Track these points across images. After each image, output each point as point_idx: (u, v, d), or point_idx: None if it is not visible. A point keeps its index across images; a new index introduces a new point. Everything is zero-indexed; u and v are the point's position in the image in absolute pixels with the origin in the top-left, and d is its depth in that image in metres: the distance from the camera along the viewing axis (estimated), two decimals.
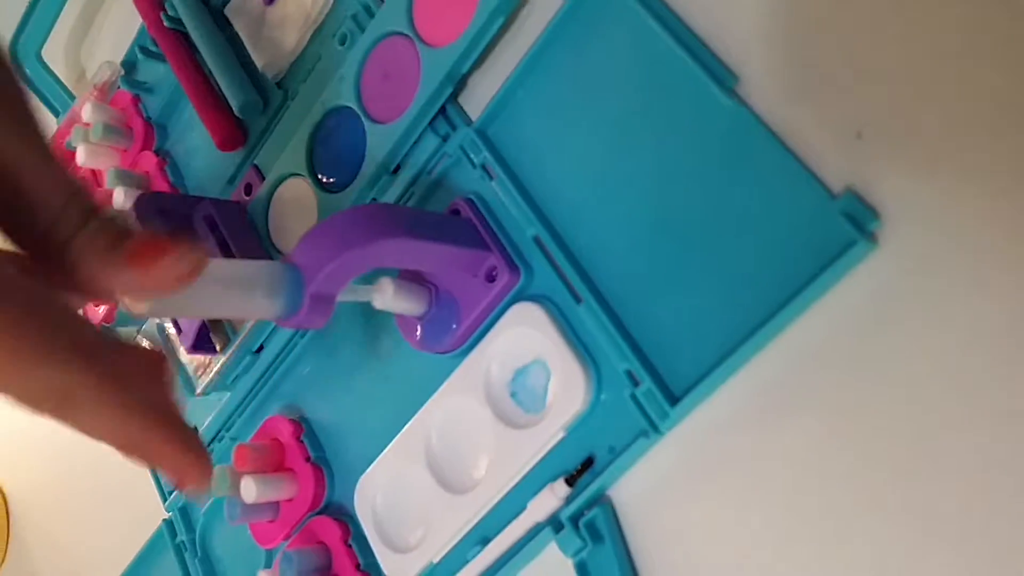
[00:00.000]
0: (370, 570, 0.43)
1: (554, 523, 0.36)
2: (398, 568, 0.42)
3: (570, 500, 0.36)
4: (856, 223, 0.29)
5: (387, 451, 0.43)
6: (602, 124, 0.38)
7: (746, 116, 0.33)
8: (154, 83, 0.62)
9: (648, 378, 0.34)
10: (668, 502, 0.34)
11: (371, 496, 0.43)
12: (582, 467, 0.36)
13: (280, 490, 0.46)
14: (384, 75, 0.46)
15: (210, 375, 0.51)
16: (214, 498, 0.53)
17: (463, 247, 0.39)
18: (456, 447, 0.40)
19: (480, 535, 0.39)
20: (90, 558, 0.67)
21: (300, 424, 0.48)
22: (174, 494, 0.56)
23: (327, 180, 0.48)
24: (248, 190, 0.52)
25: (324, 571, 0.44)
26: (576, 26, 0.38)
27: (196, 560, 0.53)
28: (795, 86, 0.32)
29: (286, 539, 0.47)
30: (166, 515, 0.56)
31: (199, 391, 0.51)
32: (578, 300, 0.37)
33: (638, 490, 0.35)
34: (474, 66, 0.42)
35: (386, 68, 0.45)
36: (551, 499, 0.36)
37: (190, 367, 0.52)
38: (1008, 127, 0.28)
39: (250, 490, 0.45)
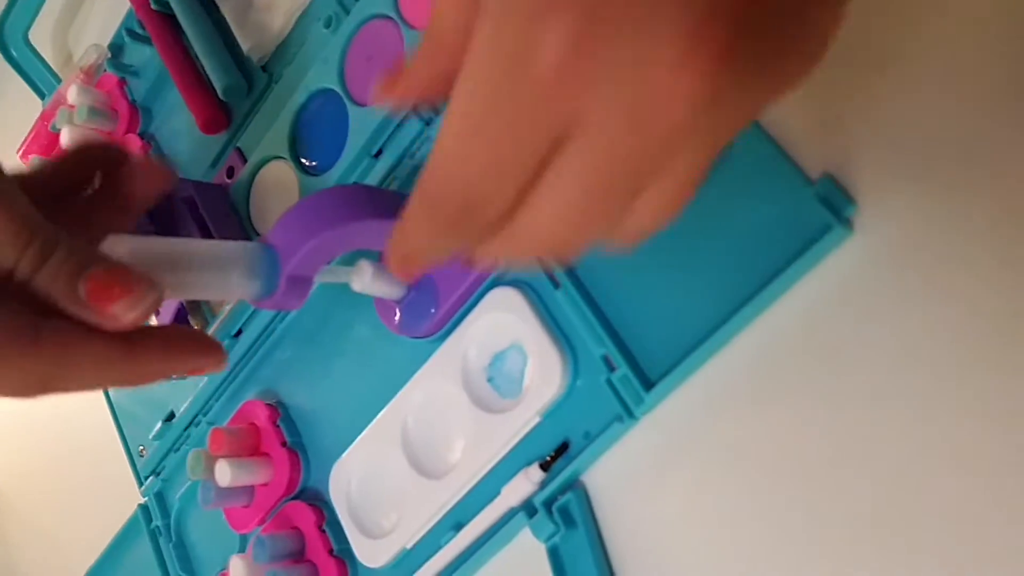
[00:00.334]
0: (343, 555, 0.43)
1: (528, 508, 0.36)
2: (371, 553, 0.41)
3: (544, 485, 0.36)
4: (832, 208, 0.29)
5: (363, 436, 0.42)
6: None
7: None
8: (140, 66, 0.61)
9: (624, 363, 0.34)
10: (641, 487, 0.34)
11: (346, 481, 0.43)
12: (557, 452, 0.36)
13: (255, 474, 0.46)
14: (368, 58, 0.45)
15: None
16: (189, 482, 0.52)
17: None
18: (432, 432, 0.40)
19: (454, 520, 0.39)
20: (68, 543, 0.66)
21: (277, 409, 0.48)
22: (149, 479, 0.55)
23: (309, 163, 0.48)
24: (231, 173, 0.52)
25: (297, 556, 0.44)
26: None
27: (170, 545, 0.53)
28: None
29: (260, 524, 0.47)
30: (142, 500, 0.56)
31: (176, 375, 0.51)
32: (556, 285, 0.37)
33: (612, 475, 0.35)
34: None
35: (370, 51, 0.45)
36: (525, 484, 0.36)
37: None
38: (984, 116, 0.28)
39: (225, 474, 0.45)
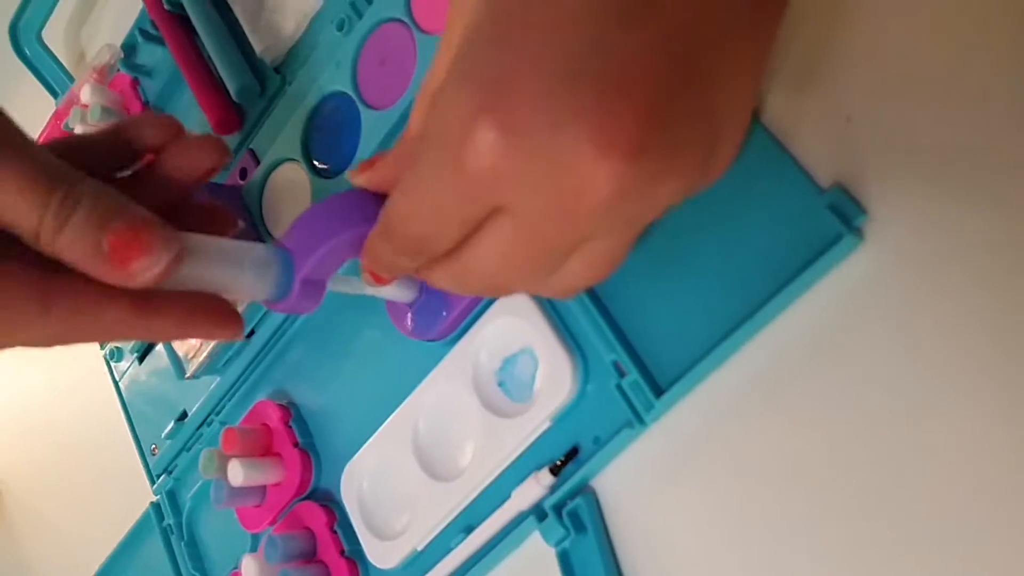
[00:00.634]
0: (354, 556, 0.43)
1: (538, 512, 0.36)
2: (382, 554, 0.42)
3: (554, 489, 0.36)
4: (843, 217, 0.29)
5: (374, 438, 0.43)
6: None
7: None
8: (153, 66, 0.62)
9: (634, 369, 0.34)
10: (651, 493, 0.34)
11: (357, 482, 0.43)
12: (567, 457, 0.36)
13: (267, 474, 0.46)
14: (380, 61, 0.45)
15: (201, 358, 0.51)
16: (201, 481, 0.53)
17: None
18: (443, 435, 0.40)
19: (464, 523, 0.39)
20: (79, 540, 0.67)
21: (289, 409, 0.48)
22: (161, 478, 0.56)
23: (322, 165, 0.48)
24: (243, 174, 0.52)
25: (309, 556, 0.44)
26: None
27: (182, 543, 0.53)
28: (785, 80, 0.32)
29: (272, 524, 0.47)
30: (154, 498, 0.56)
31: (189, 374, 0.51)
32: None
33: (621, 480, 0.35)
34: None
35: (383, 54, 0.45)
36: (535, 488, 0.36)
37: (181, 350, 0.52)
38: (997, 125, 0.28)
39: (237, 473, 0.45)
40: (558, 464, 0.36)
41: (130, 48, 0.63)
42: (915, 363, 0.28)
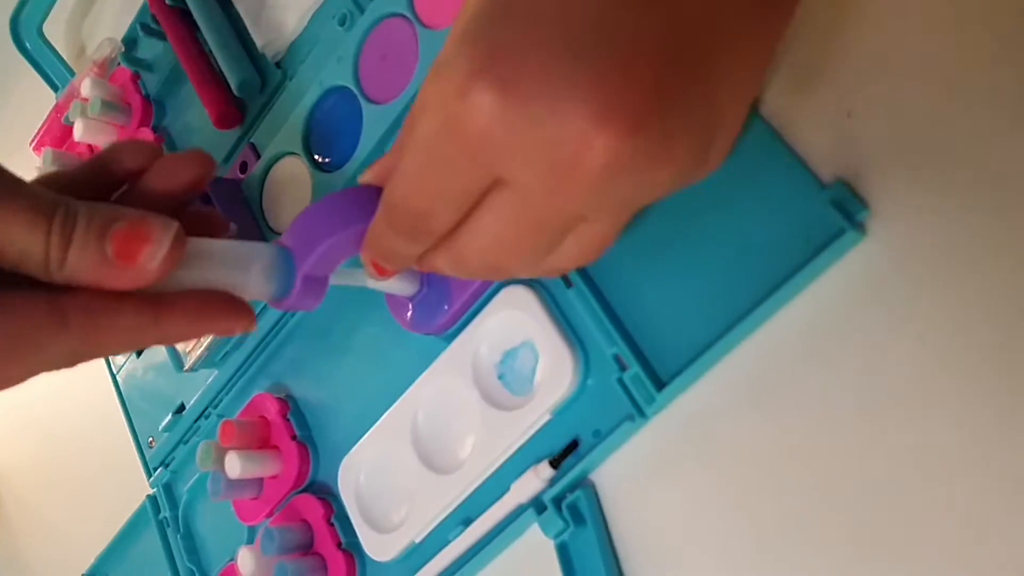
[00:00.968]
0: (351, 549, 0.44)
1: (537, 505, 0.36)
2: (379, 547, 0.42)
3: (553, 482, 0.36)
4: (845, 212, 0.30)
5: (373, 431, 0.43)
6: None
7: None
8: (154, 61, 0.62)
9: (636, 363, 0.34)
10: (650, 486, 0.34)
11: (355, 475, 0.43)
12: (566, 450, 0.36)
13: (264, 467, 0.46)
14: (382, 56, 0.46)
15: (199, 351, 0.51)
16: (198, 474, 0.53)
17: None
18: (442, 428, 0.41)
19: (463, 516, 0.39)
20: (75, 533, 0.67)
21: (287, 402, 0.48)
22: (158, 471, 0.56)
23: (322, 160, 0.48)
24: (243, 168, 0.52)
25: (306, 548, 0.44)
26: None
27: (178, 536, 0.53)
28: (787, 75, 0.33)
29: (268, 516, 0.47)
30: (150, 491, 0.56)
31: (188, 367, 0.51)
32: (568, 284, 0.37)
33: (621, 474, 0.35)
34: None
35: (384, 49, 0.46)
36: (535, 481, 0.36)
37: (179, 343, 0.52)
38: (1001, 121, 0.28)
39: (234, 465, 0.45)
40: (557, 457, 0.36)
41: (131, 42, 0.63)
42: (917, 357, 0.29)
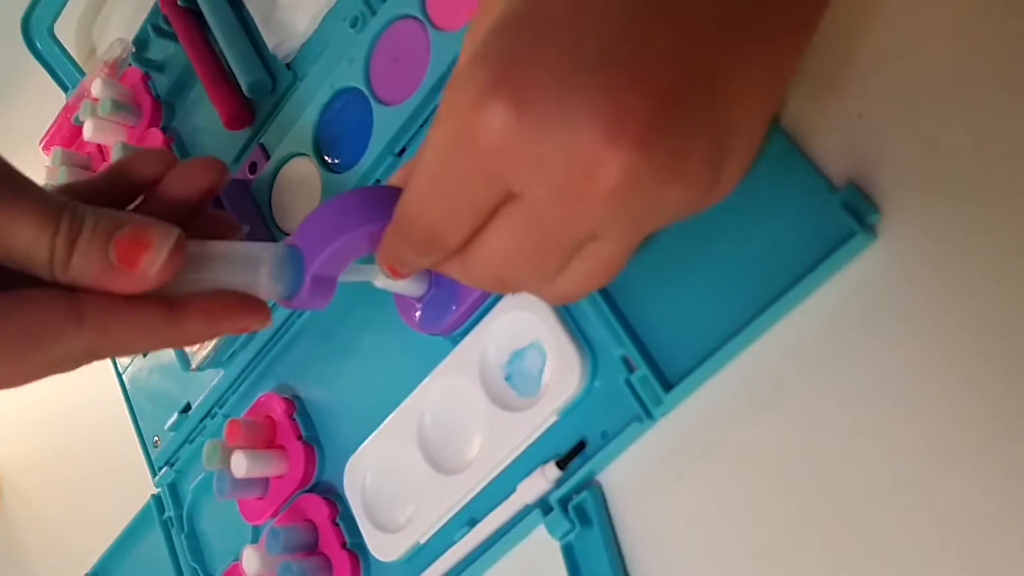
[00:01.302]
0: (356, 549, 0.44)
1: (543, 505, 0.36)
2: (384, 547, 0.42)
3: (560, 483, 0.36)
4: (856, 215, 0.30)
5: (379, 431, 0.43)
6: None
7: None
8: (164, 61, 0.62)
9: (644, 364, 0.34)
10: (658, 488, 0.34)
11: (361, 475, 0.43)
12: (573, 451, 0.36)
13: (270, 466, 0.46)
14: (394, 58, 0.46)
15: (206, 351, 0.51)
16: (203, 474, 0.53)
17: None
18: (449, 428, 0.41)
19: (468, 516, 0.39)
20: (78, 531, 0.67)
21: (293, 403, 0.48)
22: (163, 470, 0.56)
23: (332, 161, 0.48)
24: (253, 169, 0.52)
25: (310, 548, 0.44)
26: None
27: (182, 536, 0.53)
28: (799, 80, 0.33)
29: (273, 516, 0.47)
30: (155, 491, 0.56)
31: (194, 366, 0.52)
32: None
33: (628, 475, 0.35)
34: None
35: (396, 51, 0.46)
36: (541, 482, 0.36)
37: None
38: (1013, 125, 0.28)
39: (240, 464, 0.45)
40: (564, 458, 0.36)
41: (141, 43, 0.63)
42: (926, 360, 0.29)
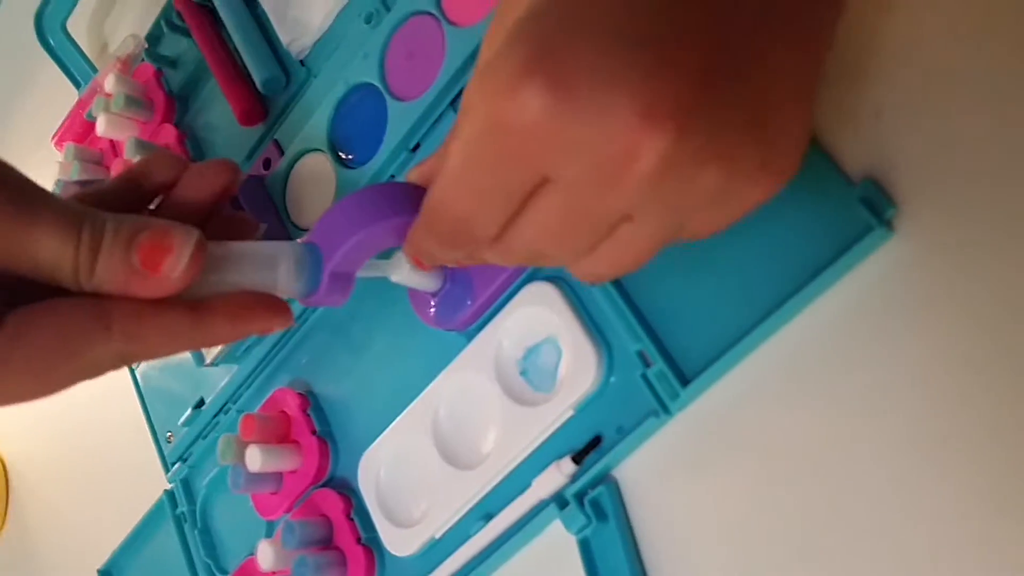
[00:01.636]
0: (371, 544, 0.44)
1: (559, 500, 0.36)
2: (399, 542, 0.42)
3: (576, 478, 0.36)
4: (874, 210, 0.30)
5: (393, 426, 0.43)
6: None
7: None
8: (177, 57, 0.62)
9: (660, 359, 0.34)
10: (674, 482, 0.35)
11: (375, 470, 0.43)
12: (589, 445, 0.36)
13: (285, 461, 0.46)
14: (409, 54, 0.46)
15: (220, 346, 0.51)
16: (216, 469, 0.53)
17: None
18: (463, 423, 0.41)
19: (484, 511, 0.39)
20: (90, 527, 0.67)
21: (307, 398, 0.49)
22: (176, 466, 0.56)
23: (347, 156, 0.48)
24: (267, 164, 0.53)
25: (325, 543, 0.44)
26: None
27: (196, 531, 0.53)
28: None
29: (288, 511, 0.47)
30: (168, 486, 0.56)
31: (209, 361, 0.52)
32: None
33: (644, 470, 0.35)
34: None
35: (411, 47, 0.46)
36: (557, 476, 0.36)
37: None
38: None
39: (255, 459, 0.45)
40: (580, 453, 0.36)
41: (154, 39, 0.63)
42: (943, 354, 0.29)
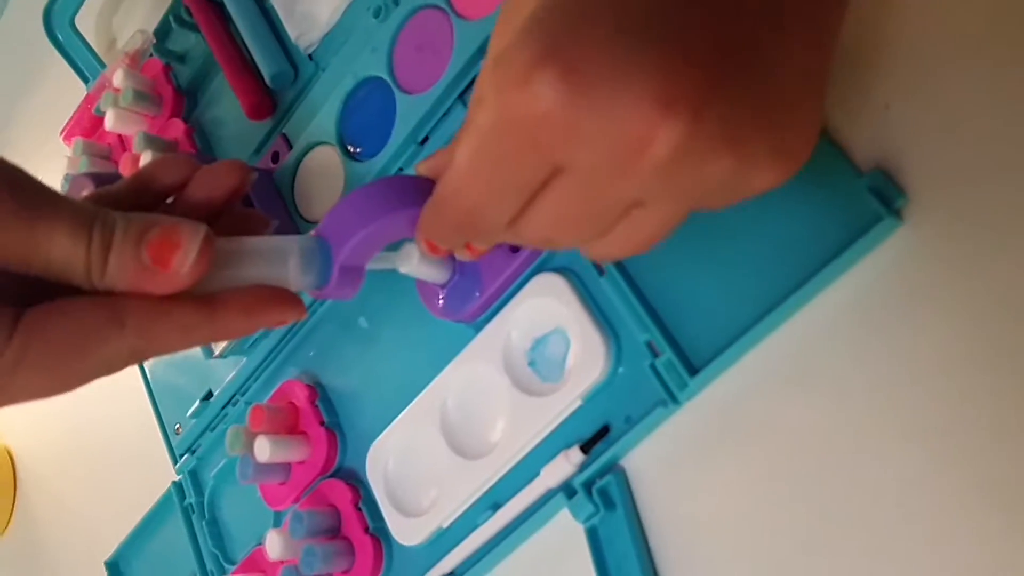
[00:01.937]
0: (379, 533, 0.44)
1: (567, 489, 0.37)
2: (407, 531, 0.42)
3: (584, 467, 0.36)
4: (883, 199, 0.30)
5: (401, 417, 0.43)
6: None
7: None
8: (185, 52, 0.62)
9: (668, 349, 0.34)
10: (682, 472, 0.35)
11: (383, 460, 0.44)
12: (597, 435, 0.36)
13: (293, 451, 0.47)
14: (417, 47, 0.46)
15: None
16: (224, 461, 0.53)
17: None
18: (471, 413, 0.41)
19: (492, 500, 0.39)
20: (97, 520, 0.67)
21: (315, 389, 0.49)
22: (184, 457, 0.56)
23: (355, 149, 0.49)
24: (275, 158, 0.53)
25: (333, 532, 0.45)
26: None
27: (203, 522, 0.54)
28: None
29: (296, 502, 0.47)
30: (175, 477, 0.57)
31: (217, 353, 0.52)
32: (600, 272, 0.37)
33: (652, 459, 0.36)
34: None
35: (419, 40, 0.46)
36: (565, 465, 0.37)
37: None
38: None
39: (264, 449, 0.46)
40: (588, 442, 0.36)
41: (162, 33, 0.64)
42: (952, 344, 0.29)
